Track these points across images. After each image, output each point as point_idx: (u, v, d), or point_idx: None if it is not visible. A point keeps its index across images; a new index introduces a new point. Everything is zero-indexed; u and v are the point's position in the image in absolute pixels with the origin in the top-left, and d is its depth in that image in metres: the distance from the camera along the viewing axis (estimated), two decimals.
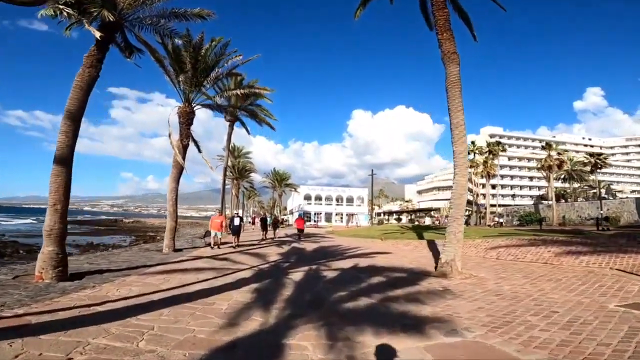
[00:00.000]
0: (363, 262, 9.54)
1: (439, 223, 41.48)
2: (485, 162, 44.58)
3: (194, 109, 13.73)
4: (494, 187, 75.94)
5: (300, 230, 20.13)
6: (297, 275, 7.40)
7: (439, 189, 79.30)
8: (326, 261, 9.81)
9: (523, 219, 36.66)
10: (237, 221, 13.63)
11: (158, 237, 32.60)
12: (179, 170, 12.57)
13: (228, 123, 27.07)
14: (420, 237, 17.55)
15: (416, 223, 44.89)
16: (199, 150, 14.37)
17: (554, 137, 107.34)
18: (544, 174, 48.19)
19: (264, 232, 18.95)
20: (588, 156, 38.89)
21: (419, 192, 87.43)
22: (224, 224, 13.07)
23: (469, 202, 74.30)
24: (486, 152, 51.36)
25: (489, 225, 30.64)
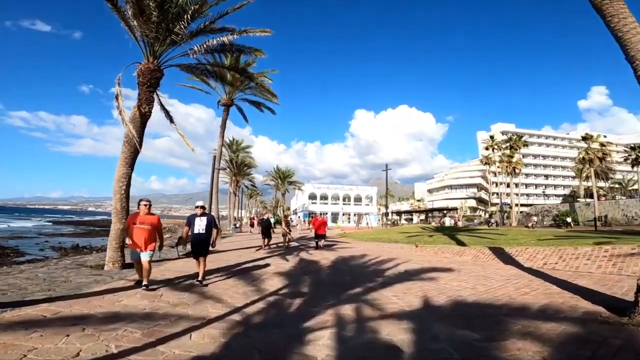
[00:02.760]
0: (433, 294, 5.36)
1: (462, 224, 37.09)
2: (510, 156, 40.17)
3: (161, 66, 9.58)
4: (508, 185, 71.50)
5: (321, 236, 13.75)
6: (323, 341, 3.24)
7: (451, 187, 74.77)
8: (363, 290, 5.65)
9: (559, 219, 32.37)
10: (200, 225, 5.85)
11: None
12: (133, 148, 8.42)
13: (222, 107, 23.04)
14: (461, 243, 13.52)
15: (433, 223, 40.55)
16: (171, 121, 10.25)
17: (568, 134, 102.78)
18: (575, 170, 43.77)
19: (266, 240, 13.16)
20: (629, 149, 34.41)
21: (430, 191, 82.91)
22: (161, 238, 5.70)
23: (484, 202, 69.80)
24: (506, 147, 47.06)
25: (526, 226, 26.28)
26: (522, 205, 50.69)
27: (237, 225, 32.98)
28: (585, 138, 32.72)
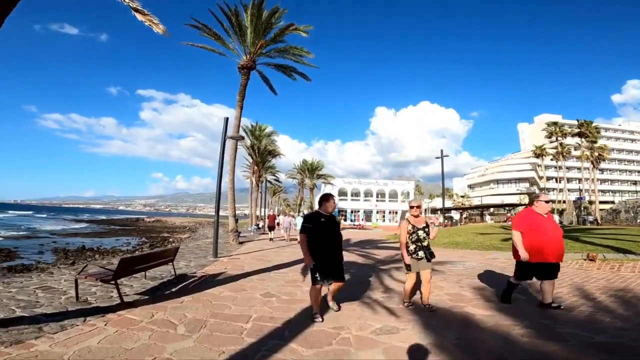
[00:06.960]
0: None
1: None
2: (593, 142, 32.55)
3: None
4: (555, 180, 62.47)
5: (551, 271, 4.13)
6: None
7: (497, 182, 66.61)
8: None
9: None
10: None
11: (171, 239, 25.81)
12: None
13: (242, 72, 17.62)
14: (620, 250, 7.59)
15: (492, 221, 33.66)
16: None
17: (620, 125, 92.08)
18: None
19: (337, 283, 3.97)
20: None
21: (470, 187, 74.88)
22: None
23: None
24: (576, 134, 39.18)
25: None
26: (603, 202, 42.76)
27: (260, 226, 27.92)
28: None
